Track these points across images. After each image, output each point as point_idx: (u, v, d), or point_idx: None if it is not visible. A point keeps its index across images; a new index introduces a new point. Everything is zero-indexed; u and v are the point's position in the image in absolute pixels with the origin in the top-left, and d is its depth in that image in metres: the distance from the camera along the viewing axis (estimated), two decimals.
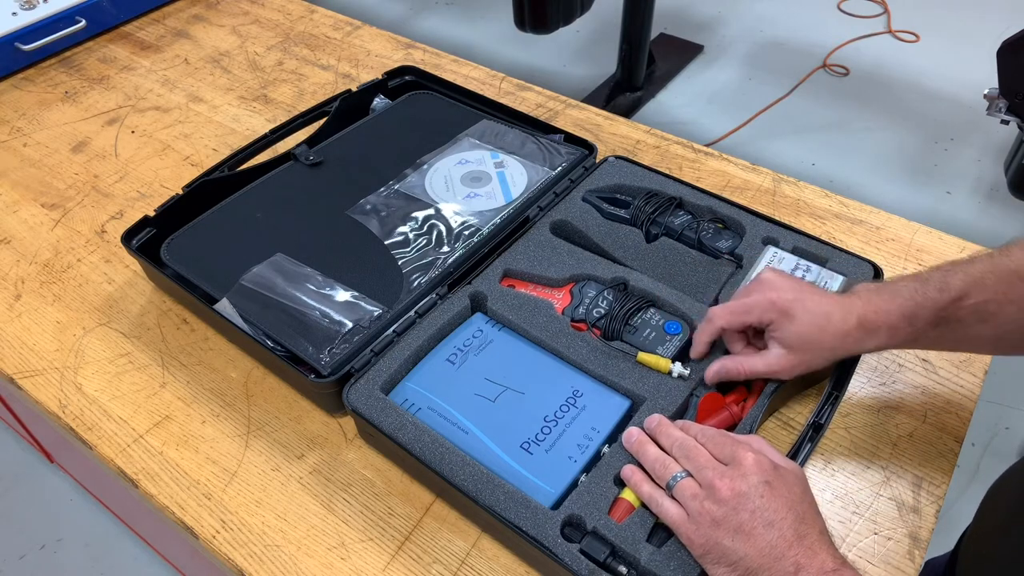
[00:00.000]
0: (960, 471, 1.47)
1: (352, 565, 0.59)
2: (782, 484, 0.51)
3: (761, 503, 0.50)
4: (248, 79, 1.12)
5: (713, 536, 0.50)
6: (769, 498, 0.50)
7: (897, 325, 0.58)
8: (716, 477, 0.52)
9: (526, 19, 1.80)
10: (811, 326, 0.59)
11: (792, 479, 0.52)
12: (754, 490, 0.51)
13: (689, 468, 0.54)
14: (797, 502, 0.51)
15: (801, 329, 0.60)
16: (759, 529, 0.49)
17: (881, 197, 2.01)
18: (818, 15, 2.67)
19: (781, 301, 0.60)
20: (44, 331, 0.78)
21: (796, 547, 0.48)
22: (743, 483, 0.51)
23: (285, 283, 0.73)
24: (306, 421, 0.69)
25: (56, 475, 1.53)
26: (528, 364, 0.67)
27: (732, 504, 0.51)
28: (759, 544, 0.49)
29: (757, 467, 0.52)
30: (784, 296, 0.61)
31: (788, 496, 0.51)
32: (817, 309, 0.59)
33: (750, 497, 0.50)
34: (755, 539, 0.49)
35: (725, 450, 0.54)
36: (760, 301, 0.61)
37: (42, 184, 0.95)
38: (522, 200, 0.81)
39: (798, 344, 0.60)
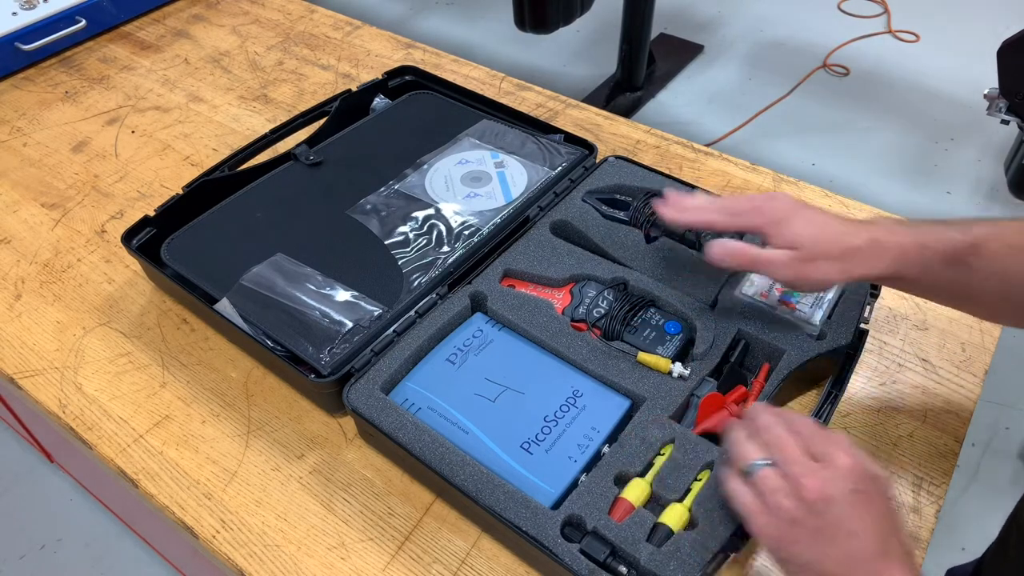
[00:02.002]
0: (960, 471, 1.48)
1: (352, 565, 0.59)
2: (874, 494, 0.48)
3: (848, 512, 0.47)
4: (248, 79, 1.12)
5: (789, 535, 0.48)
6: (858, 507, 0.47)
7: (909, 249, 0.56)
8: (804, 475, 0.48)
9: (526, 19, 1.80)
10: (810, 227, 0.58)
11: (883, 490, 0.49)
12: (844, 497, 0.47)
13: (776, 458, 0.50)
14: (885, 515, 0.48)
15: (800, 230, 0.58)
16: (840, 537, 0.46)
17: (881, 197, 2.01)
18: (818, 15, 2.67)
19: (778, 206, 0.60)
20: (44, 331, 0.78)
21: (877, 561, 0.46)
22: (833, 487, 0.47)
23: (285, 283, 0.73)
24: (306, 421, 0.69)
25: (56, 475, 1.53)
26: (528, 364, 0.67)
27: (817, 507, 0.47)
28: (837, 553, 0.46)
29: (851, 472, 0.48)
30: (782, 204, 0.60)
31: (877, 508, 0.48)
32: (816, 217, 0.59)
33: (838, 503, 0.47)
34: (834, 547, 0.46)
35: (818, 446, 0.50)
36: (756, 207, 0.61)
37: (42, 184, 0.95)
38: (522, 200, 0.81)
39: (799, 243, 0.58)
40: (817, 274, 0.58)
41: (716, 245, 0.62)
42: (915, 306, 0.77)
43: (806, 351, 0.65)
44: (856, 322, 0.68)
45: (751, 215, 0.61)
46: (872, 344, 0.73)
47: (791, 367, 0.64)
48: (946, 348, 0.73)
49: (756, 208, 0.61)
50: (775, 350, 0.66)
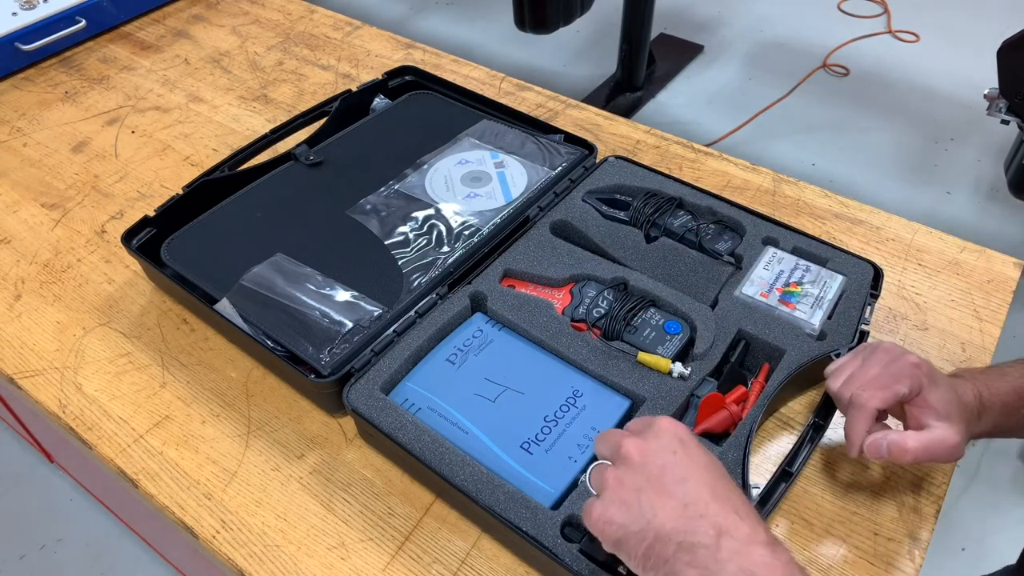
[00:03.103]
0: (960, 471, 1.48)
1: (352, 565, 0.59)
2: (696, 446, 0.46)
3: (673, 459, 0.45)
4: (248, 79, 1.12)
5: (616, 499, 0.45)
6: (683, 455, 0.45)
7: (1010, 403, 0.55)
8: (625, 441, 0.47)
9: (526, 19, 1.80)
10: (950, 391, 0.55)
11: (705, 449, 0.47)
12: (666, 446, 0.46)
13: (605, 453, 0.49)
14: (714, 464, 0.46)
15: (944, 395, 0.55)
16: (671, 485, 0.44)
17: (881, 197, 2.01)
18: (818, 15, 2.67)
19: (920, 362, 0.56)
20: (44, 331, 0.78)
21: (714, 507, 0.43)
22: (654, 441, 0.46)
23: (285, 283, 0.73)
24: (306, 421, 0.69)
25: (56, 475, 1.53)
26: (528, 364, 0.67)
27: (641, 461, 0.45)
28: (671, 502, 0.43)
29: (671, 425, 0.47)
30: (923, 360, 0.56)
31: (705, 457, 0.46)
32: (944, 378, 0.56)
33: (660, 453, 0.45)
34: (666, 496, 0.44)
35: (641, 423, 0.49)
36: (899, 369, 0.56)
37: (42, 184, 0.95)
38: (522, 200, 0.81)
39: (949, 410, 0.54)
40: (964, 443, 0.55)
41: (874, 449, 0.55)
42: (915, 306, 0.77)
43: (806, 351, 0.65)
44: (856, 322, 0.68)
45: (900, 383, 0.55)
46: None
47: (791, 367, 0.64)
48: (946, 348, 0.73)
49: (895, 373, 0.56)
50: (775, 350, 0.66)
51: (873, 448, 0.55)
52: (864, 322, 0.68)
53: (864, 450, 0.55)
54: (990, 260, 0.81)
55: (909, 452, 0.54)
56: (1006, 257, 0.81)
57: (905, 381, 0.55)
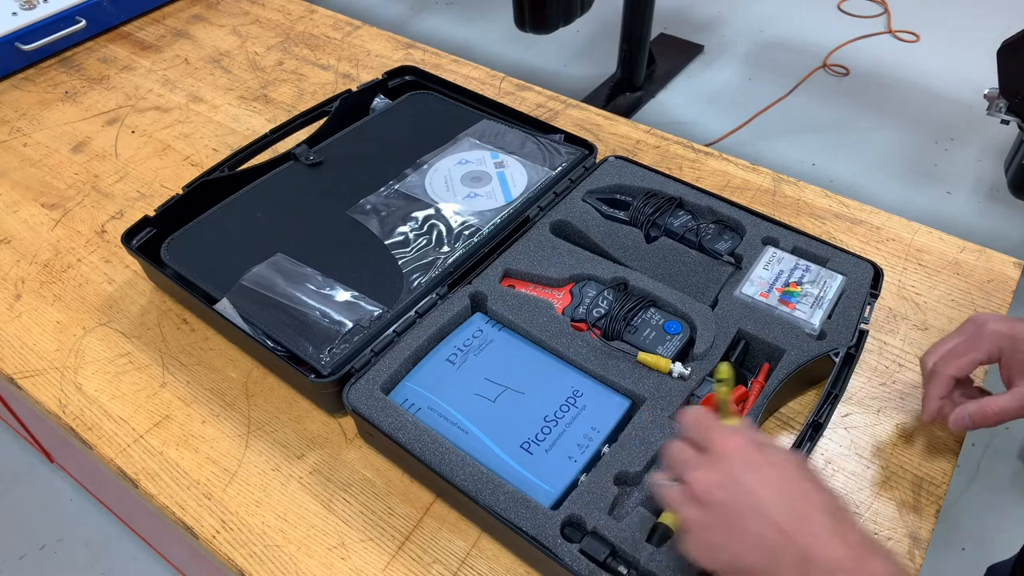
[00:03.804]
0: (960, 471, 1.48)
1: (352, 565, 0.59)
2: (763, 460, 0.44)
3: (740, 490, 0.43)
4: (248, 79, 1.12)
5: (705, 541, 0.45)
6: (751, 478, 0.43)
7: None
8: (688, 470, 0.46)
9: (526, 19, 1.80)
10: None
11: (782, 458, 0.45)
12: (730, 474, 0.44)
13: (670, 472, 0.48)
14: (791, 480, 0.44)
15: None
16: (743, 521, 0.43)
17: (881, 197, 2.01)
18: (818, 15, 2.67)
19: (1001, 327, 0.56)
20: (44, 331, 0.78)
21: (795, 532, 0.41)
22: (716, 472, 0.44)
23: (285, 283, 0.73)
24: (306, 421, 0.69)
25: (56, 475, 1.53)
26: (528, 364, 0.67)
27: (707, 500, 0.44)
28: (747, 539, 0.42)
29: (734, 448, 0.45)
30: (1001, 323, 0.56)
31: (777, 471, 0.44)
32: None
33: (726, 487, 0.44)
34: (744, 532, 0.43)
35: (700, 435, 0.47)
36: (976, 337, 0.57)
37: (42, 184, 0.95)
38: (522, 200, 0.81)
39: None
40: None
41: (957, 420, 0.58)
42: (915, 306, 0.77)
43: (806, 351, 0.65)
44: (856, 322, 0.68)
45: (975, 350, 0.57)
46: (872, 344, 0.73)
47: (791, 367, 0.64)
48: None
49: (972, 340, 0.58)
50: (775, 350, 0.66)
51: (956, 422, 0.58)
52: (864, 322, 0.68)
53: (949, 424, 0.58)
54: (990, 260, 0.81)
55: (992, 415, 0.56)
56: (1006, 257, 0.81)
57: (983, 348, 0.57)
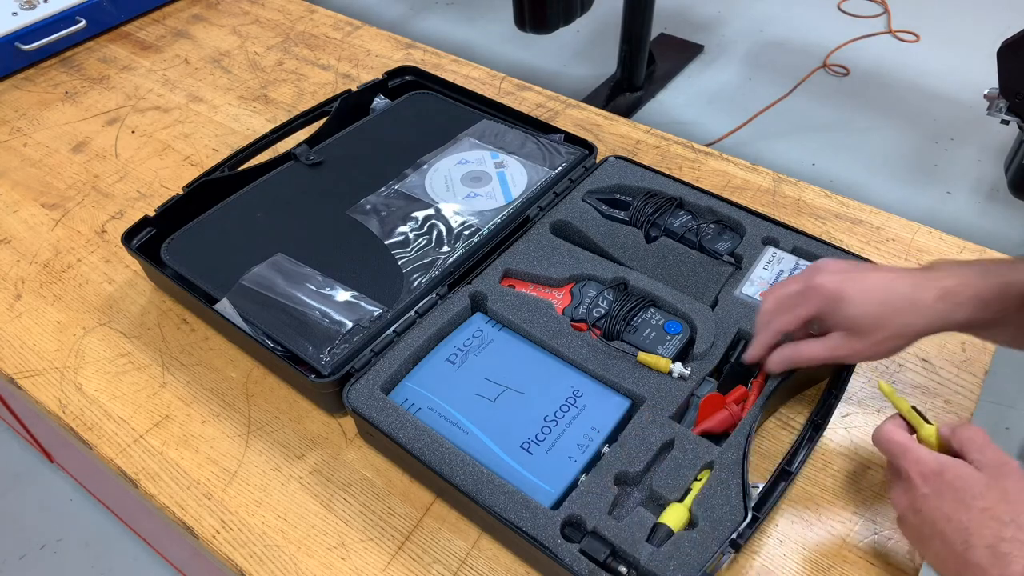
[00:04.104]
0: None
1: (352, 565, 0.59)
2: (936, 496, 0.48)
3: (924, 519, 0.48)
4: (248, 79, 1.12)
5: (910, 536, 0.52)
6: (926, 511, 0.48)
7: (987, 297, 0.53)
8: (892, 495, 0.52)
9: (526, 19, 1.80)
10: (870, 303, 0.55)
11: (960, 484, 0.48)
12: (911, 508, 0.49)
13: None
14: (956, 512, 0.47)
15: (859, 310, 0.55)
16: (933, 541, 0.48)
17: (881, 197, 2.01)
18: (818, 15, 2.67)
19: (828, 284, 0.56)
20: (44, 331, 0.78)
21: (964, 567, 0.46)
22: (904, 498, 0.50)
23: (285, 283, 0.73)
24: (306, 421, 0.69)
25: (56, 475, 1.53)
26: (528, 364, 0.67)
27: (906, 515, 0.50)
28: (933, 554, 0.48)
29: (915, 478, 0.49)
30: (832, 278, 0.57)
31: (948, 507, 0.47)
32: (875, 283, 0.55)
33: (907, 520, 0.50)
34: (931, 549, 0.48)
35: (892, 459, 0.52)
36: (806, 290, 0.58)
37: (42, 184, 0.95)
38: (522, 200, 0.81)
39: (860, 325, 0.55)
40: (886, 350, 0.56)
41: (772, 362, 0.61)
42: None
43: None
44: None
45: (801, 306, 0.58)
46: None
47: None
48: (946, 348, 0.73)
49: (801, 293, 0.58)
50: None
51: (773, 363, 0.61)
52: None
53: (767, 367, 0.61)
54: None
55: (804, 358, 0.59)
56: (1006, 257, 0.81)
57: (811, 304, 0.57)
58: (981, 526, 0.45)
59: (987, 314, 0.54)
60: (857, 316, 0.55)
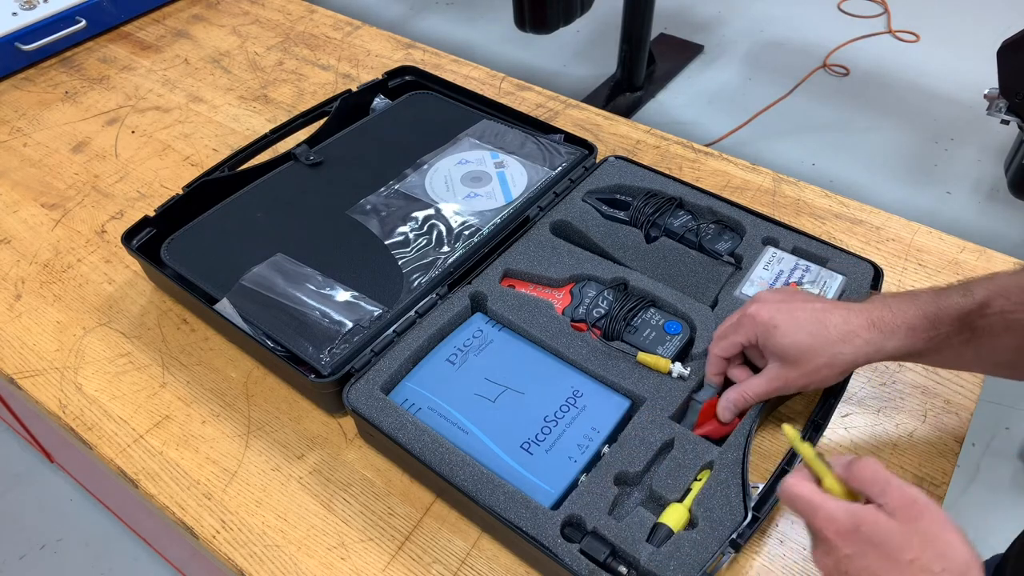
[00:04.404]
0: (960, 471, 1.47)
1: (352, 565, 0.59)
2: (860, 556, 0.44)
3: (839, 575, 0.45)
4: (248, 79, 1.12)
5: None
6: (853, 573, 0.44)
7: (917, 325, 0.54)
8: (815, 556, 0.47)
9: (526, 19, 1.80)
10: (801, 332, 0.56)
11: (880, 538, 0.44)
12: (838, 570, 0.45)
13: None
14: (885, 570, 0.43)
15: (789, 339, 0.56)
16: None
17: (881, 197, 2.01)
18: (818, 15, 2.67)
19: (762, 313, 0.58)
20: (44, 331, 0.78)
21: None
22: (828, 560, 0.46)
23: (285, 283, 0.73)
24: (306, 421, 0.69)
25: (56, 475, 1.53)
26: (528, 364, 0.67)
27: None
28: None
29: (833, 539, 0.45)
30: (765, 308, 0.58)
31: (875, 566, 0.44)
32: (807, 314, 0.56)
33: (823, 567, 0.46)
34: None
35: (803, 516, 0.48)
36: (742, 319, 0.59)
37: (42, 184, 0.95)
38: (522, 200, 0.81)
39: (791, 355, 0.57)
40: (820, 379, 0.57)
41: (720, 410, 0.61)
42: None
43: None
44: None
45: (736, 333, 0.60)
46: None
47: None
48: None
49: (737, 323, 0.60)
50: None
51: (721, 412, 0.61)
52: None
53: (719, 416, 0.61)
54: (990, 260, 0.81)
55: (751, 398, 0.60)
56: (1006, 257, 0.81)
57: (742, 332, 0.59)
58: None
59: (919, 342, 0.54)
60: (788, 346, 0.57)
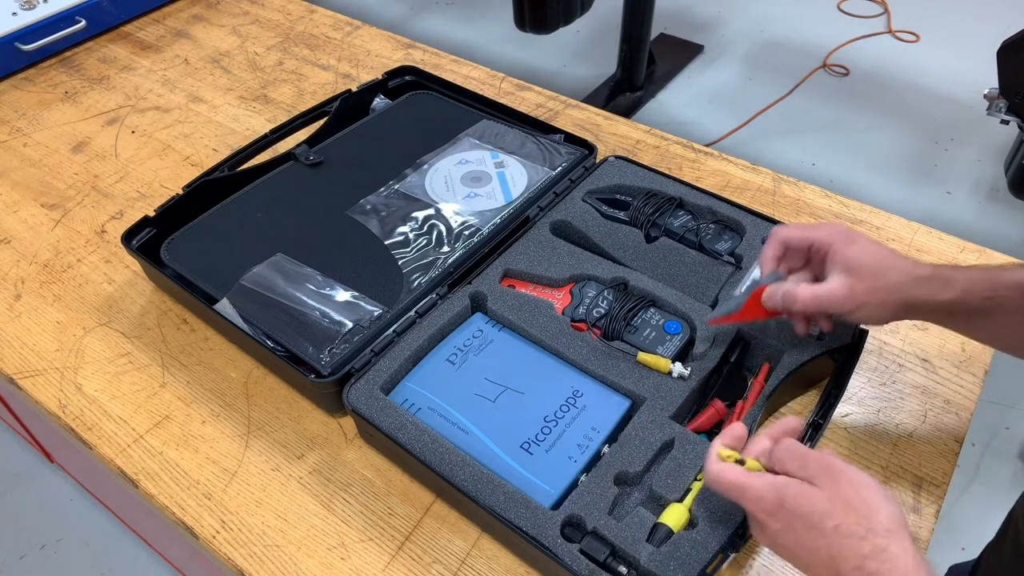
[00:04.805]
0: (960, 471, 1.47)
1: (352, 565, 0.59)
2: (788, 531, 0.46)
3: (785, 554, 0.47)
4: (248, 79, 1.12)
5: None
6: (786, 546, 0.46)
7: (975, 279, 0.54)
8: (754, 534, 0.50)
9: (526, 19, 1.79)
10: (874, 256, 0.56)
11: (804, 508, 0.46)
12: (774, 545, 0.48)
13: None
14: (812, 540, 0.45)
15: (863, 254, 0.56)
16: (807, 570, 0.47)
17: (881, 197, 2.01)
18: (818, 15, 2.67)
19: (846, 228, 0.58)
20: (44, 331, 0.78)
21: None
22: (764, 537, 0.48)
23: (285, 283, 0.73)
24: (306, 421, 0.69)
25: (56, 475, 1.53)
26: (528, 364, 0.67)
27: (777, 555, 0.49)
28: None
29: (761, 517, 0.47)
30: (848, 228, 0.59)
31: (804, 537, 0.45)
32: (881, 246, 0.57)
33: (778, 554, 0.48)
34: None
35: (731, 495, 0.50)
36: (825, 224, 0.60)
37: (42, 184, 0.95)
38: (522, 200, 0.81)
39: (859, 270, 0.56)
40: (878, 302, 0.56)
41: (768, 297, 0.61)
42: None
43: (806, 351, 0.65)
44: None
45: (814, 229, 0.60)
46: (872, 344, 0.73)
47: (791, 367, 0.64)
48: (946, 348, 0.73)
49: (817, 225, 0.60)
50: (775, 350, 0.66)
51: (768, 298, 0.60)
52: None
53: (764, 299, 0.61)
54: (990, 260, 0.81)
55: (798, 300, 0.58)
56: (1006, 257, 0.81)
57: (820, 231, 0.59)
58: (842, 548, 0.44)
59: (974, 298, 0.54)
60: (860, 257, 0.56)
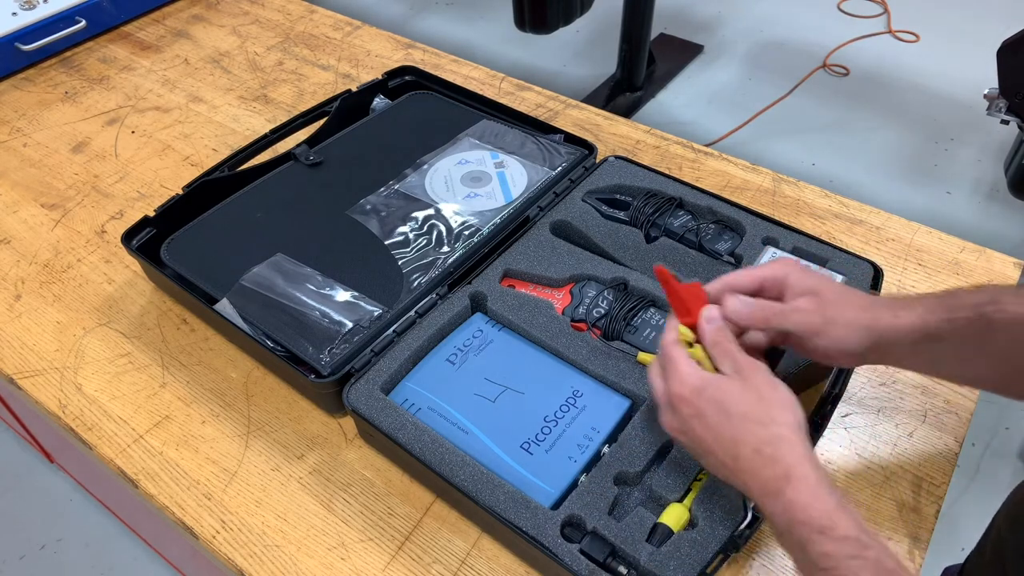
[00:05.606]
0: (960, 471, 1.47)
1: (352, 565, 0.59)
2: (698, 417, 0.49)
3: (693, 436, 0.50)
4: (248, 79, 1.12)
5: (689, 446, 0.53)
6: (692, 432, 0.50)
7: (933, 304, 0.52)
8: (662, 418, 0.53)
9: (526, 19, 1.79)
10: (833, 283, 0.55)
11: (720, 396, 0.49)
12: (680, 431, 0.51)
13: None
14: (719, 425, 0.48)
15: (825, 282, 0.55)
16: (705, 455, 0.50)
17: (881, 197, 2.01)
18: (818, 15, 2.67)
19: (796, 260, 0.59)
20: (44, 331, 0.78)
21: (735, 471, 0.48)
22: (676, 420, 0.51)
23: (285, 283, 0.73)
24: (306, 421, 0.69)
25: (56, 475, 1.53)
26: (528, 364, 0.67)
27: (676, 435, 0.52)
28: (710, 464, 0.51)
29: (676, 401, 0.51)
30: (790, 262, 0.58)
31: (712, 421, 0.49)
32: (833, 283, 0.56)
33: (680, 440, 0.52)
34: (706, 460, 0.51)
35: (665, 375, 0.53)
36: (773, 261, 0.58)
37: (42, 184, 0.95)
38: (522, 200, 0.81)
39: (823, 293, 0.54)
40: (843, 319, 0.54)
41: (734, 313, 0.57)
42: None
43: None
44: None
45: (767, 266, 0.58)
46: None
47: (790, 367, 0.64)
48: None
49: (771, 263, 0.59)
50: (775, 350, 0.66)
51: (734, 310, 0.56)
52: None
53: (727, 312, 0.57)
54: (990, 260, 0.81)
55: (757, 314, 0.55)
56: (1006, 257, 0.81)
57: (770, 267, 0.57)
58: (744, 432, 0.47)
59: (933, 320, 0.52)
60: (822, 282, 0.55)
